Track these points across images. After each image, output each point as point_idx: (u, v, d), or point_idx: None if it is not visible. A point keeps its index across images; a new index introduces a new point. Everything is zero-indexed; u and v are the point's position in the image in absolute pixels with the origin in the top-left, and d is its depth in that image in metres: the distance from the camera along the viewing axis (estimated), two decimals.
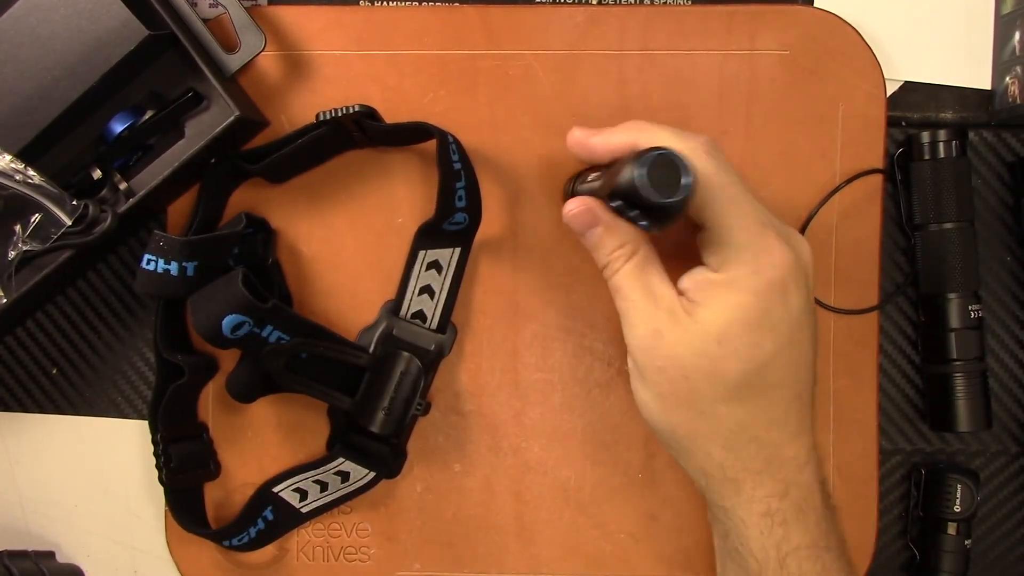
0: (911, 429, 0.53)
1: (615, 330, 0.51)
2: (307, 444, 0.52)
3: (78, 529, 0.53)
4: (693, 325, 0.41)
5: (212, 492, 0.52)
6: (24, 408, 0.53)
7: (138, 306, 0.53)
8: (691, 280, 0.42)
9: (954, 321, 0.50)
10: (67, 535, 0.53)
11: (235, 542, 0.50)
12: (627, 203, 0.40)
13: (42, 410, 0.53)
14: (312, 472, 0.51)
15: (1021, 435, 0.53)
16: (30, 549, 0.52)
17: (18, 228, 0.46)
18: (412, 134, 0.49)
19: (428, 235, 0.50)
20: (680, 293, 0.42)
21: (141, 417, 0.53)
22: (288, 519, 0.51)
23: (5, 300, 0.47)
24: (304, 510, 0.51)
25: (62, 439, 0.53)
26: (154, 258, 0.46)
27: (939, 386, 0.50)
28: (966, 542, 0.51)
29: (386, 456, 0.50)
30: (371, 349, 0.50)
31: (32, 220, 0.46)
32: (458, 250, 0.50)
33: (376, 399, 0.48)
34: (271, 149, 0.49)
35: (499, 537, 0.52)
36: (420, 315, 0.51)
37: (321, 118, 0.47)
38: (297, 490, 0.51)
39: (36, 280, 0.47)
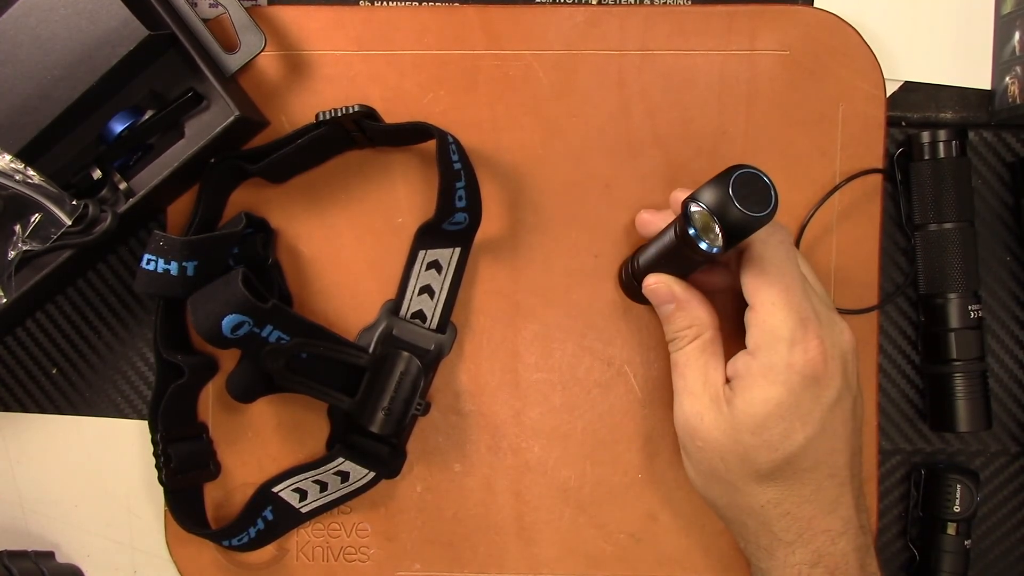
0: (911, 429, 0.53)
1: (615, 330, 0.51)
2: (307, 444, 0.52)
3: (78, 529, 0.53)
4: (730, 414, 0.43)
5: (212, 492, 0.52)
6: (24, 408, 0.53)
7: (138, 306, 0.53)
8: (733, 367, 0.44)
9: (954, 321, 0.50)
10: (67, 535, 0.53)
11: (235, 542, 0.50)
12: (702, 227, 0.41)
13: (42, 410, 0.53)
14: (312, 472, 0.51)
15: (1021, 435, 0.53)
16: (30, 549, 0.52)
17: (18, 228, 0.46)
18: (412, 134, 0.49)
19: (428, 235, 0.50)
20: (727, 379, 0.44)
21: (141, 417, 0.53)
22: (288, 519, 0.51)
23: (5, 300, 0.47)
24: (304, 510, 0.51)
25: (62, 439, 0.53)
26: (154, 258, 0.46)
27: (939, 386, 0.50)
28: (966, 542, 0.50)
29: (386, 456, 0.50)
30: (371, 349, 0.50)
31: (32, 220, 0.46)
32: (458, 250, 0.50)
33: (376, 399, 0.48)
34: (271, 149, 0.49)
35: (499, 537, 0.52)
36: (420, 315, 0.51)
37: (321, 118, 0.47)
38: (297, 490, 0.51)
39: (36, 280, 0.47)
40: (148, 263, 0.46)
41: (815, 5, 0.52)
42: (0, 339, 0.53)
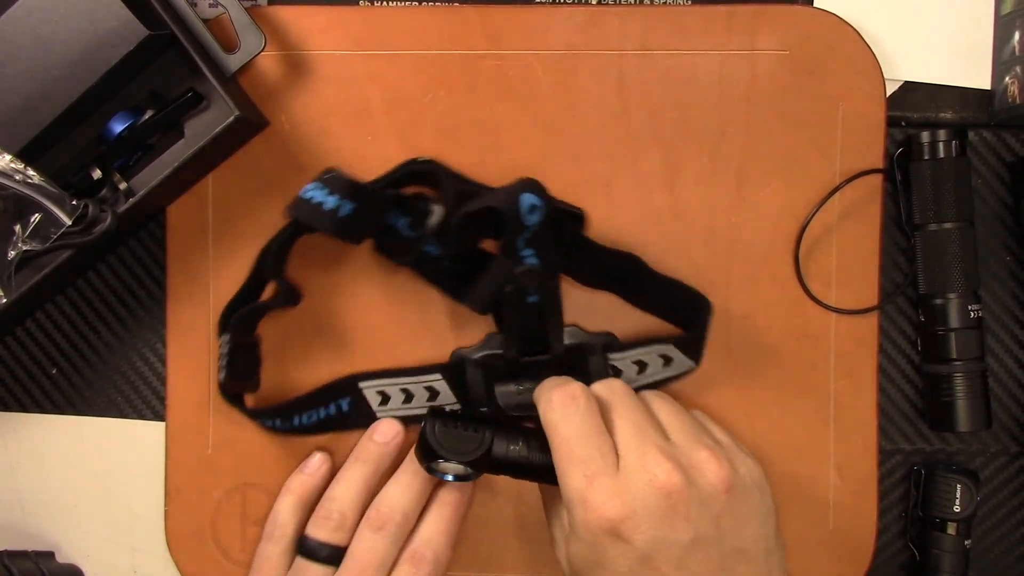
0: (911, 429, 0.53)
1: (616, 330, 0.51)
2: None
3: (78, 529, 0.53)
4: (566, 562, 0.43)
5: (212, 491, 0.52)
6: (24, 408, 0.53)
7: (138, 306, 0.53)
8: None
9: (954, 321, 0.50)
10: (67, 535, 0.53)
11: (303, 420, 0.50)
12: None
13: (42, 410, 0.53)
14: (404, 379, 0.50)
15: (1021, 435, 0.53)
16: (30, 549, 0.53)
17: (18, 228, 0.46)
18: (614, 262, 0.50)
19: None
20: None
21: (141, 417, 0.53)
22: (359, 418, 0.51)
23: (5, 300, 0.47)
24: (379, 415, 0.51)
25: (62, 439, 0.53)
26: (317, 189, 0.46)
27: (939, 386, 0.50)
28: (966, 542, 0.51)
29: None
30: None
31: (32, 220, 0.46)
32: None
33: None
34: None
35: (499, 537, 0.52)
36: None
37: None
38: (381, 392, 0.51)
39: (36, 280, 0.47)
40: (307, 193, 0.46)
41: (815, 5, 0.52)
42: (0, 339, 0.53)
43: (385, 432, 0.50)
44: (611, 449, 0.41)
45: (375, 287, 0.52)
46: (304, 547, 0.48)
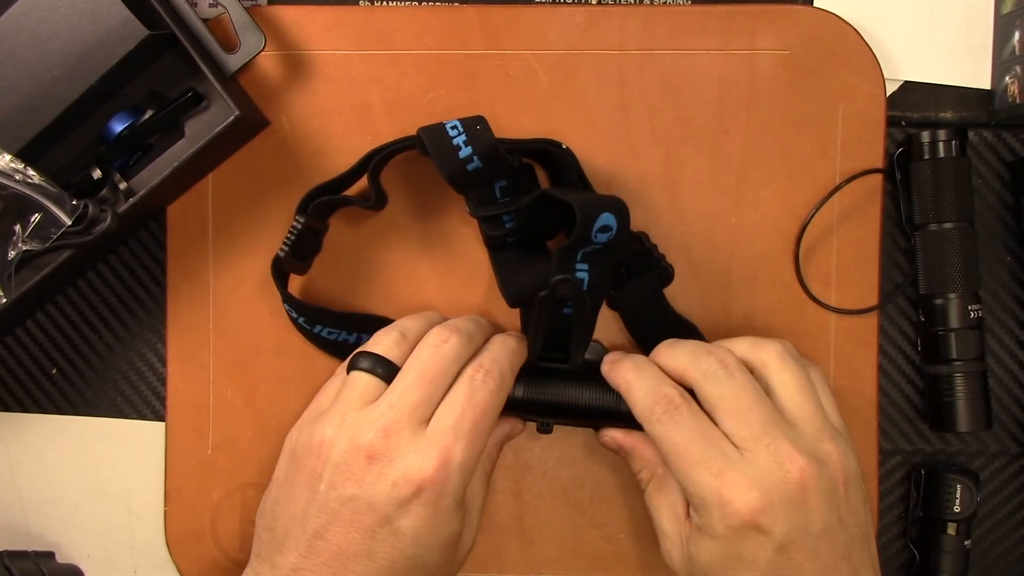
0: (911, 429, 0.53)
1: (617, 329, 0.51)
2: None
3: (78, 529, 0.53)
4: (688, 558, 0.44)
5: (212, 492, 0.52)
6: (24, 408, 0.53)
7: (138, 306, 0.53)
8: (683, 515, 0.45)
9: (954, 321, 0.50)
10: (67, 535, 0.53)
11: (324, 333, 0.49)
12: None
13: (42, 410, 0.53)
14: None
15: (1021, 435, 0.53)
16: (30, 549, 0.53)
17: (18, 228, 0.46)
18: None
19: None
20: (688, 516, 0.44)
21: (141, 417, 0.53)
22: None
23: (5, 300, 0.47)
24: None
25: (62, 439, 0.53)
26: (460, 133, 0.46)
27: (939, 386, 0.50)
28: (966, 542, 0.51)
29: None
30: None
31: (32, 220, 0.46)
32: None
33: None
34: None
35: (499, 537, 0.52)
36: None
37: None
38: None
39: (36, 280, 0.47)
40: (452, 129, 0.46)
41: (815, 5, 0.52)
42: (0, 339, 0.53)
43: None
44: (727, 442, 0.42)
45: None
46: (353, 362, 0.44)
